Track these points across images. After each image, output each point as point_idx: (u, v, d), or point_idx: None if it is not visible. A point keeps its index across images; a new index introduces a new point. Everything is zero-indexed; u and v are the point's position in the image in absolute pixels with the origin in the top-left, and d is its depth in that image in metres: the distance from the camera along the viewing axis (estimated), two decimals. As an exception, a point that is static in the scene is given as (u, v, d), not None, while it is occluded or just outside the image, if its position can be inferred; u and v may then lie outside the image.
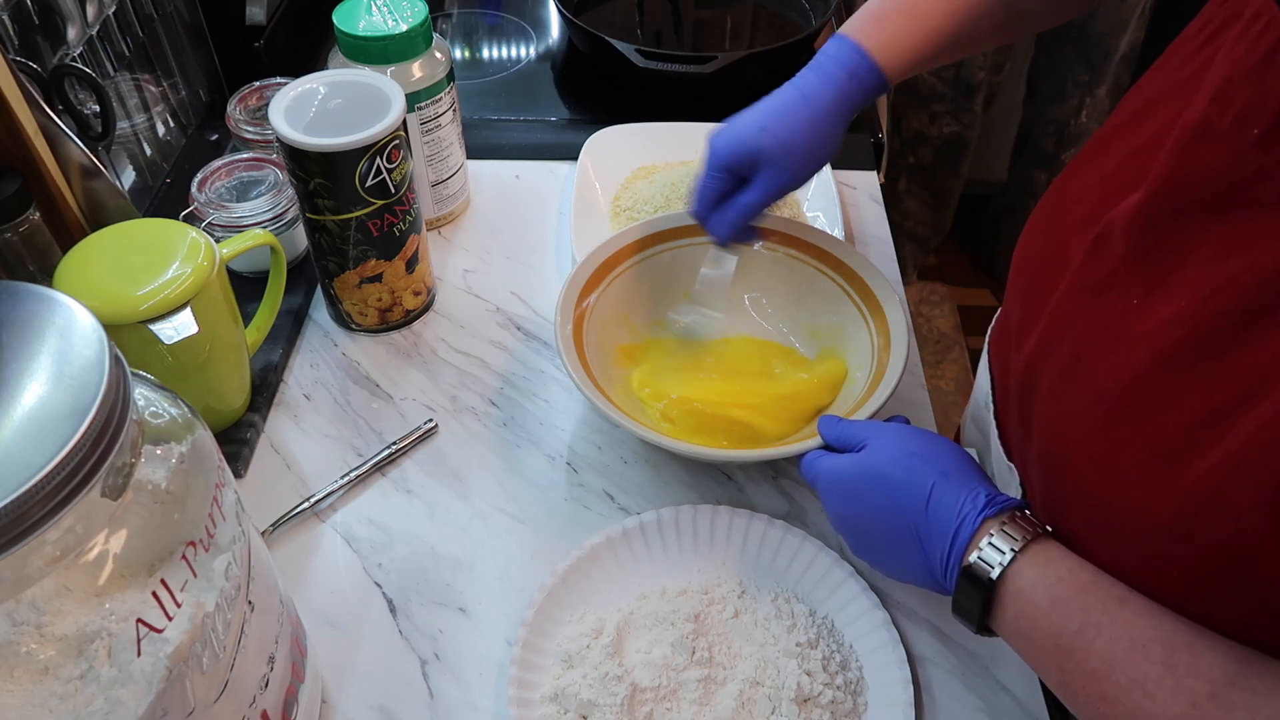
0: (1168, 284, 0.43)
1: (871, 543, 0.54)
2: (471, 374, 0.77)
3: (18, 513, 0.32)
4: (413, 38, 0.78)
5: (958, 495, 0.50)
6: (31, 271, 0.66)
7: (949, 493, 0.50)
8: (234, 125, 0.84)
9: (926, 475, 0.52)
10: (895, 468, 0.53)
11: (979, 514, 0.49)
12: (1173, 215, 0.43)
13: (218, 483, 0.42)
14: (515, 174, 0.95)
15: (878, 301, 0.71)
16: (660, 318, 0.76)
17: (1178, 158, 0.43)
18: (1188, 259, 0.42)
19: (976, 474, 0.52)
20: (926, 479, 0.51)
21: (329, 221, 0.71)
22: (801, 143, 0.64)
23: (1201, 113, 0.41)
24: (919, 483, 0.51)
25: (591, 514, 0.68)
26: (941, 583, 0.50)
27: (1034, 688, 0.59)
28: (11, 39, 0.69)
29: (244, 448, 0.70)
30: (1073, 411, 0.48)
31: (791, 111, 0.64)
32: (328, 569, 0.65)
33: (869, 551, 0.55)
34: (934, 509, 0.50)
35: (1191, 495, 0.40)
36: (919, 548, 0.51)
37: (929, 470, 0.52)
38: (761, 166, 0.64)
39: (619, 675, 0.56)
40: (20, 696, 0.35)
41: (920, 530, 0.51)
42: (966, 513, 0.49)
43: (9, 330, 0.37)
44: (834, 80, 0.64)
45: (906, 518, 0.51)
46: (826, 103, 0.64)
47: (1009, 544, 0.47)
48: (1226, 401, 0.40)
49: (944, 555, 0.49)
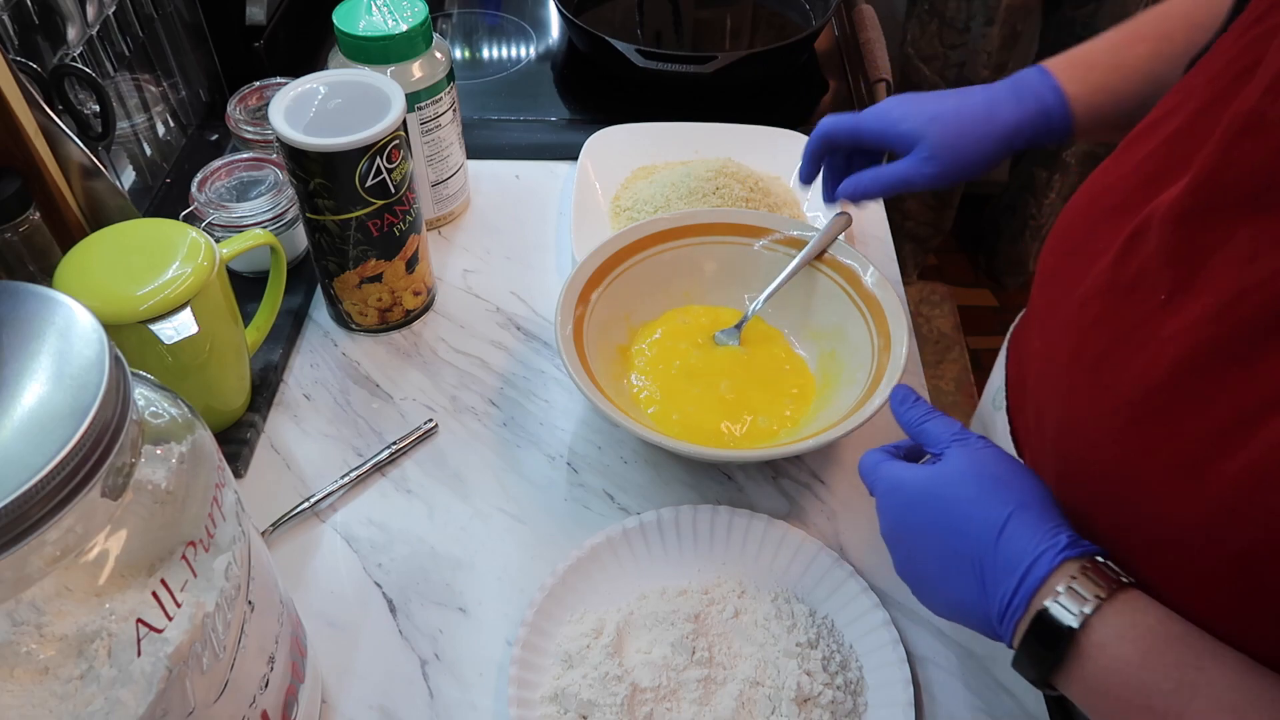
0: (1197, 281, 0.42)
1: (921, 565, 0.50)
2: (471, 374, 0.77)
3: (18, 513, 0.32)
4: (413, 38, 0.78)
5: (1035, 531, 0.45)
6: (31, 271, 0.66)
7: (1026, 527, 0.45)
8: (234, 125, 0.84)
9: (1005, 504, 0.46)
10: (970, 488, 0.47)
11: (1058, 554, 0.44)
12: (1212, 210, 0.42)
13: (218, 483, 0.42)
14: (515, 174, 0.95)
15: (878, 301, 0.71)
16: None
17: (1224, 149, 0.41)
18: (1219, 257, 0.41)
19: (1057, 512, 0.46)
20: (1004, 508, 0.46)
21: (329, 221, 0.71)
22: (962, 152, 0.63)
23: (1254, 104, 0.40)
24: (994, 511, 0.46)
25: (591, 514, 0.68)
26: (994, 626, 0.45)
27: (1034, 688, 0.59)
28: (11, 39, 0.69)
29: (244, 448, 0.70)
30: (1093, 413, 0.46)
31: (969, 118, 0.63)
32: (328, 569, 0.65)
33: (915, 575, 0.51)
34: (1006, 542, 0.45)
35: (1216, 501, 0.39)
36: (978, 582, 0.46)
37: (1008, 498, 0.46)
38: (914, 151, 0.64)
39: (619, 675, 0.56)
40: (20, 696, 0.35)
41: (985, 563, 0.45)
42: (1043, 550, 0.44)
43: (9, 330, 0.37)
44: (1025, 108, 0.62)
45: (971, 546, 0.46)
46: (1005, 128, 0.62)
47: (1092, 590, 0.42)
48: (1252, 407, 0.38)
49: (1007, 595, 0.44)
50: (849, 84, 1.06)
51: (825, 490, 0.69)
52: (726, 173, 0.84)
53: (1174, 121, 0.48)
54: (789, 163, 0.91)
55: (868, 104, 1.04)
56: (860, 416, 0.63)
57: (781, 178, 0.91)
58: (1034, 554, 0.44)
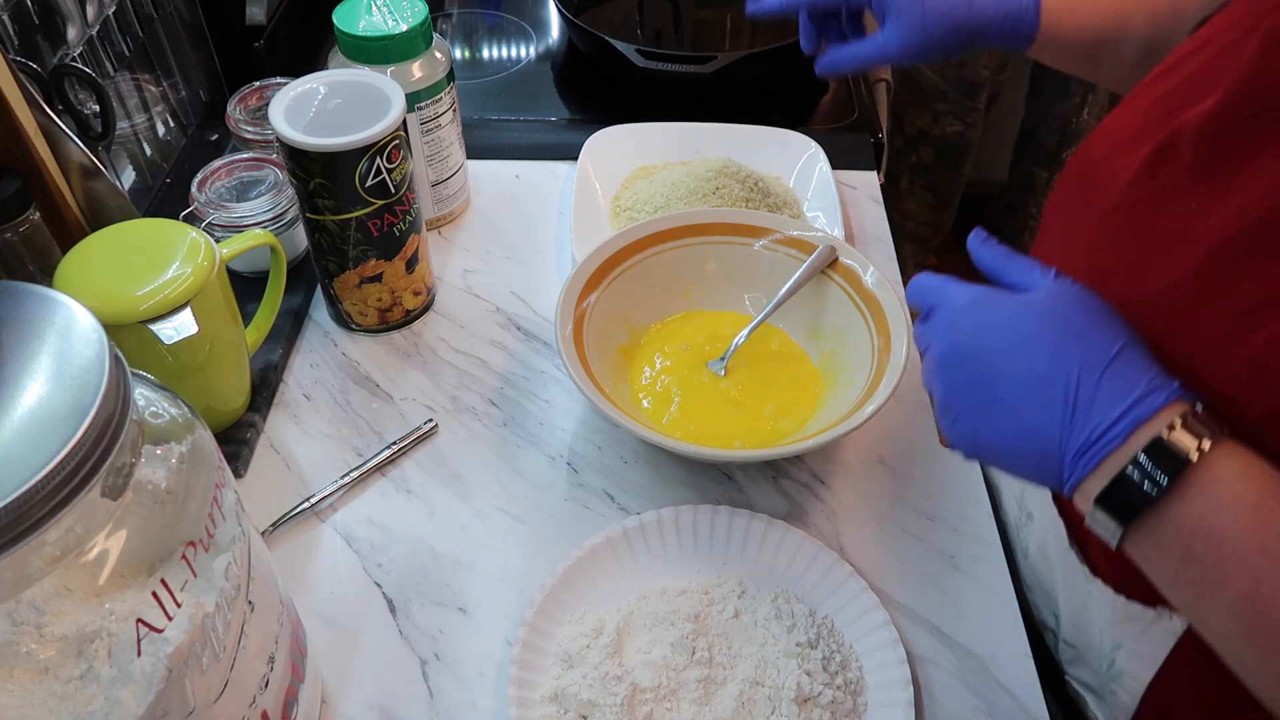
0: (1231, 189, 0.42)
1: (989, 388, 0.46)
2: (471, 374, 0.77)
3: (18, 513, 0.32)
4: (413, 38, 0.78)
5: (1149, 368, 0.43)
6: (31, 271, 0.66)
7: (1139, 361, 0.43)
8: (234, 125, 0.84)
9: (1117, 336, 0.44)
10: (1076, 315, 0.45)
11: (1173, 392, 0.42)
12: (1247, 119, 0.42)
13: (218, 483, 0.42)
14: (515, 174, 0.95)
15: (878, 302, 0.71)
16: None
17: (1259, 61, 0.42)
18: (1254, 166, 0.41)
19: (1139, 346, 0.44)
20: (1117, 339, 0.43)
21: (329, 221, 0.71)
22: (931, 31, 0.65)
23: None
24: (1106, 340, 0.43)
25: (591, 514, 0.68)
26: (1063, 461, 0.43)
27: (1034, 688, 0.59)
28: (11, 39, 0.69)
29: (244, 448, 0.70)
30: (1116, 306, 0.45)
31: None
32: (328, 569, 0.65)
33: (978, 400, 0.46)
34: (1116, 371, 0.42)
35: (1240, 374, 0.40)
36: (1066, 410, 0.43)
37: (1120, 333, 0.44)
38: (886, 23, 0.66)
39: (619, 675, 0.56)
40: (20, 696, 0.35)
41: (1083, 390, 0.43)
42: (1157, 386, 0.42)
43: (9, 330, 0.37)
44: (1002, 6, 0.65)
45: (1068, 372, 0.43)
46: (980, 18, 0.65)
47: (1207, 429, 0.40)
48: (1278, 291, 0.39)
49: (1105, 424, 0.41)
50: (849, 84, 1.06)
51: (825, 490, 0.69)
52: (726, 173, 0.84)
53: (1195, 62, 0.49)
54: (789, 163, 0.91)
55: (868, 104, 1.04)
56: (860, 416, 0.63)
57: (782, 178, 0.91)
58: (1147, 387, 0.42)
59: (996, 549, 0.66)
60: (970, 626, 0.62)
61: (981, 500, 0.68)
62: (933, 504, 0.68)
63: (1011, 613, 0.62)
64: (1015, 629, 0.62)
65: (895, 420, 0.73)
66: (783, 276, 0.74)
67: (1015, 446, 0.45)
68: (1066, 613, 0.59)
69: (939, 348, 0.49)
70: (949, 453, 0.71)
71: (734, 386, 0.72)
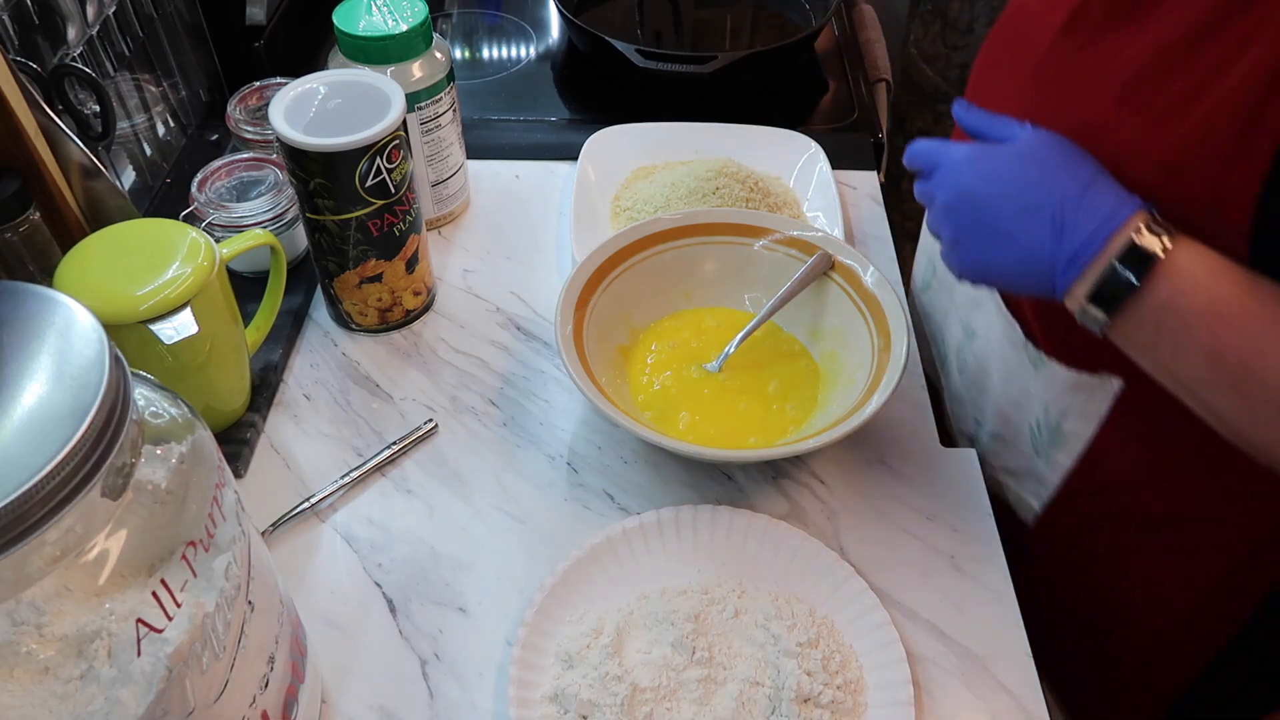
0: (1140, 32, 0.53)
1: (992, 222, 0.55)
2: (471, 374, 0.77)
3: (18, 513, 0.32)
4: (413, 38, 0.78)
5: (1115, 189, 0.52)
6: (31, 271, 0.66)
7: (1108, 185, 0.52)
8: (234, 125, 0.84)
9: (1087, 166, 0.53)
10: (1055, 153, 0.54)
11: (1137, 206, 0.51)
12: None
13: (218, 483, 0.42)
14: (515, 174, 0.95)
15: (878, 302, 0.71)
16: None
17: None
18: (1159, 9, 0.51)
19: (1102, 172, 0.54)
20: (1088, 169, 0.53)
21: (329, 221, 0.71)
22: None
23: None
24: (1081, 171, 0.53)
25: (591, 514, 0.68)
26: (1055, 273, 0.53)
27: (1034, 687, 0.59)
28: (11, 39, 0.69)
29: (244, 448, 0.70)
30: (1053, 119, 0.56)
31: None
32: (328, 569, 0.65)
33: (982, 234, 0.56)
34: (1094, 192, 0.52)
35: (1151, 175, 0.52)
36: (1054, 231, 0.52)
37: (1089, 163, 0.54)
38: None
39: (619, 675, 0.56)
40: (20, 696, 0.35)
41: (1067, 213, 0.52)
42: (1123, 201, 0.52)
43: (9, 330, 0.37)
44: None
45: (1054, 199, 0.53)
46: None
47: (1165, 231, 0.50)
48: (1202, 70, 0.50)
49: (1086, 236, 0.51)
50: (849, 84, 1.06)
51: (825, 490, 0.69)
52: (726, 173, 0.84)
53: None
54: (789, 163, 0.91)
55: (867, 104, 1.04)
56: (860, 416, 0.63)
57: (782, 178, 0.91)
58: (1116, 204, 0.51)
59: (996, 549, 0.66)
60: (970, 626, 0.62)
61: (981, 500, 0.68)
62: (933, 504, 0.68)
63: (1011, 613, 0.62)
64: (1015, 629, 0.62)
65: (895, 420, 0.73)
66: (783, 276, 0.74)
67: (1015, 267, 0.55)
68: (999, 411, 0.72)
69: (944, 197, 0.58)
70: (949, 452, 0.71)
71: (735, 385, 0.72)
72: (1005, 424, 0.72)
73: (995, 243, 0.55)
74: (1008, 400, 0.71)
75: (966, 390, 0.76)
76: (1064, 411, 0.66)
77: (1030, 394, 0.68)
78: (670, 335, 0.76)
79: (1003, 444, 0.73)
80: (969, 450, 0.71)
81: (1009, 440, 0.72)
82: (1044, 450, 0.69)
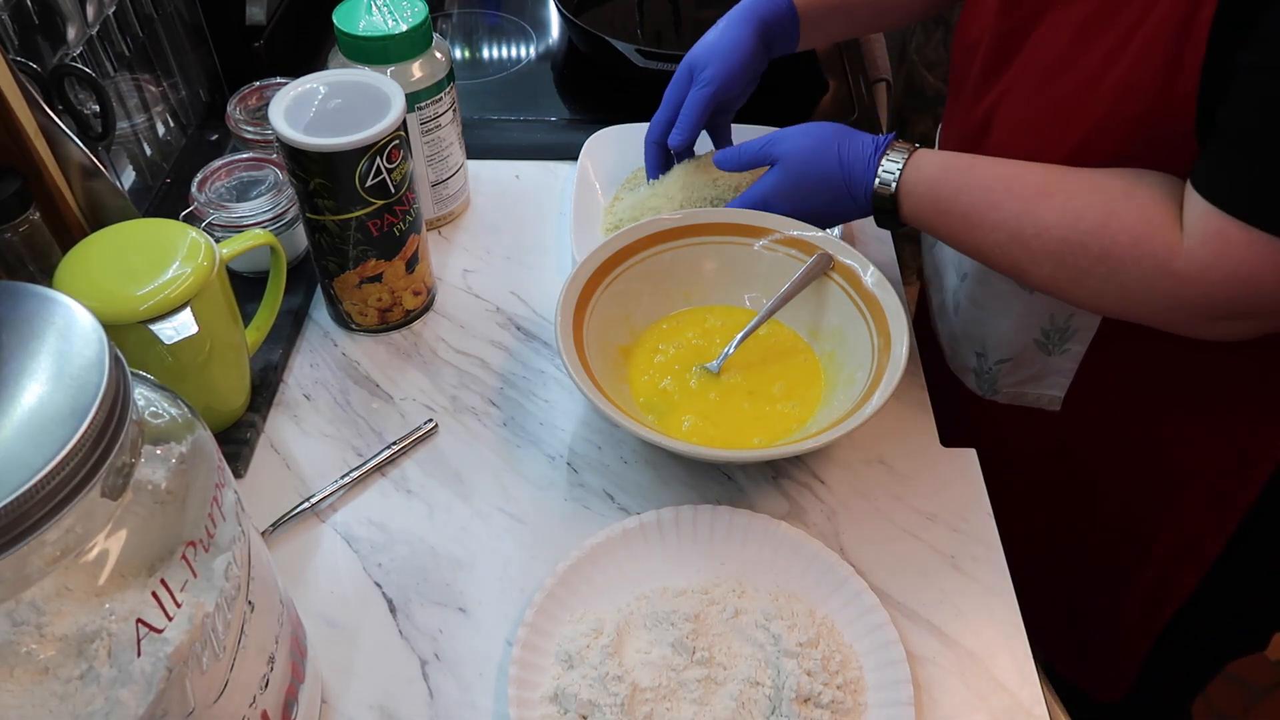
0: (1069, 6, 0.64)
1: (815, 212, 0.74)
2: (471, 374, 0.77)
3: (18, 513, 0.32)
4: (413, 38, 0.78)
5: (857, 148, 0.70)
6: (31, 271, 0.66)
7: (850, 150, 0.70)
8: (234, 125, 0.84)
9: (830, 150, 0.71)
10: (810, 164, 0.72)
11: (874, 154, 0.69)
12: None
13: (218, 483, 0.42)
14: (515, 174, 0.95)
15: (878, 302, 0.71)
16: None
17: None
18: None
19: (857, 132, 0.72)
20: (832, 152, 0.71)
21: (329, 221, 0.71)
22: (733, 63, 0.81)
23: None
24: (830, 158, 0.71)
25: (591, 514, 0.68)
26: (867, 210, 0.71)
27: (1034, 688, 0.59)
28: (11, 39, 0.69)
29: (244, 448, 0.70)
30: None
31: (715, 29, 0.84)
32: (328, 569, 0.65)
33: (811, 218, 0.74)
34: (847, 167, 0.70)
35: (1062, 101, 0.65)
36: (849, 198, 0.71)
37: (830, 147, 0.71)
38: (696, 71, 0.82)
39: (619, 675, 0.56)
40: (20, 696, 0.35)
41: (849, 184, 0.70)
42: (869, 157, 0.69)
43: (9, 330, 0.37)
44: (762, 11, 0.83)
45: (835, 182, 0.71)
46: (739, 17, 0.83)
47: (896, 165, 0.68)
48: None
49: (865, 189, 0.69)
50: (849, 84, 1.06)
51: (825, 490, 0.69)
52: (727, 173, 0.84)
53: None
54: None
55: (867, 104, 1.04)
56: (860, 416, 0.63)
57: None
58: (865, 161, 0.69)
59: (996, 549, 0.66)
60: (970, 626, 0.62)
61: (981, 500, 0.68)
62: (933, 504, 0.68)
63: (1011, 613, 0.62)
64: (1015, 629, 0.62)
65: (895, 420, 0.73)
66: (783, 276, 0.74)
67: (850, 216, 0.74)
68: (1001, 337, 0.80)
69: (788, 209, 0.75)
70: (949, 452, 0.71)
71: (735, 384, 0.72)
72: (1009, 346, 0.79)
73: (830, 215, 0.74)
74: (1008, 325, 0.78)
75: (964, 326, 0.84)
76: (1071, 312, 0.74)
77: (1032, 312, 0.75)
78: (670, 335, 0.76)
79: (1012, 364, 0.80)
80: (969, 450, 0.71)
81: (1017, 358, 0.80)
82: (1057, 348, 0.77)
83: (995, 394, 0.83)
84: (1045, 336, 0.76)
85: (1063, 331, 0.75)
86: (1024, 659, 0.60)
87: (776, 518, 0.65)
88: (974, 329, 0.82)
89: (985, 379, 0.83)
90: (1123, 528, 0.84)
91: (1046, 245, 0.62)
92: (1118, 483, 0.82)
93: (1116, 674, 0.94)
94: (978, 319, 0.81)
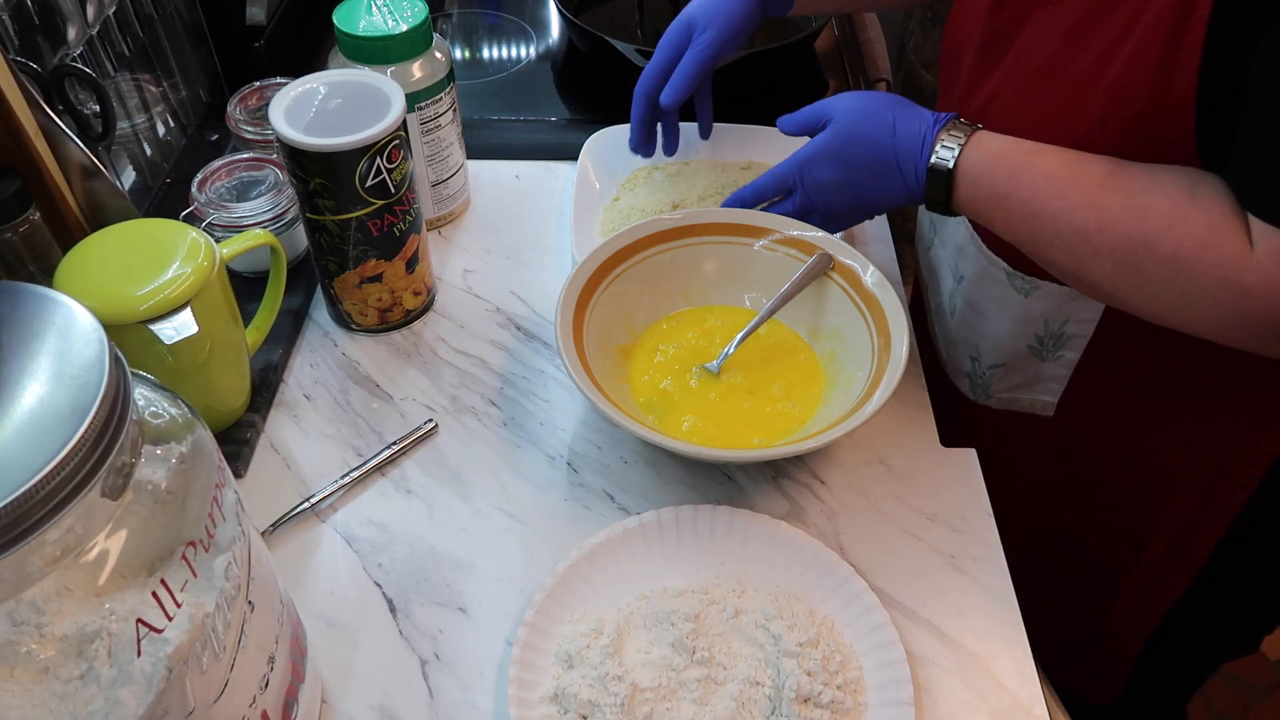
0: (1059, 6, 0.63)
1: (859, 187, 0.70)
2: (471, 374, 0.77)
3: (18, 513, 0.32)
4: (413, 38, 0.78)
5: (914, 122, 0.67)
6: (31, 271, 0.66)
7: (907, 122, 0.67)
8: (234, 125, 0.84)
9: (885, 118, 0.68)
10: (862, 124, 0.69)
11: (933, 128, 0.66)
12: None
13: (218, 483, 0.42)
14: (515, 174, 0.95)
15: (878, 302, 0.71)
16: None
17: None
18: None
19: (918, 106, 0.69)
20: (887, 120, 0.68)
21: (329, 221, 0.71)
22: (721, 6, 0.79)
23: None
24: (884, 125, 0.68)
25: (591, 514, 0.68)
26: (916, 192, 0.67)
27: (1034, 687, 0.59)
28: (11, 39, 0.69)
29: (244, 448, 0.70)
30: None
31: None
32: (328, 569, 0.65)
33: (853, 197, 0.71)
34: (900, 138, 0.67)
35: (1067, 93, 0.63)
36: (898, 172, 0.67)
37: (886, 114, 0.68)
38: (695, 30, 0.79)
39: (619, 675, 0.56)
40: (20, 696, 0.35)
41: (898, 156, 0.67)
42: (925, 132, 0.66)
43: (9, 330, 0.37)
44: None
45: (884, 154, 0.67)
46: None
47: (956, 142, 0.65)
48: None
49: (917, 168, 0.66)
50: (849, 84, 1.06)
51: (825, 490, 0.69)
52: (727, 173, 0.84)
53: None
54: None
55: (868, 104, 1.04)
56: (860, 416, 0.63)
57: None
58: (920, 136, 0.66)
59: (996, 549, 0.66)
60: (970, 626, 0.62)
61: (981, 500, 0.68)
62: (933, 504, 0.68)
63: (1011, 613, 0.62)
64: (1015, 629, 0.62)
65: (895, 420, 0.73)
66: (783, 276, 0.74)
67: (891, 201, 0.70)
68: (995, 343, 0.79)
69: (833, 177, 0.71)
70: (949, 452, 0.71)
71: (735, 384, 0.72)
72: (1003, 351, 0.79)
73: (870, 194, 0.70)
74: (1003, 329, 0.77)
75: (959, 330, 0.83)
76: (1065, 318, 0.73)
77: (1027, 318, 0.75)
78: (670, 335, 0.76)
79: (1005, 369, 0.80)
80: (969, 450, 0.71)
81: (1010, 364, 0.79)
82: (1051, 355, 0.76)
83: (989, 399, 0.83)
84: (1040, 342, 0.76)
85: (1057, 338, 0.75)
86: (1024, 659, 0.60)
87: (776, 518, 0.65)
88: (969, 333, 0.82)
89: (979, 384, 0.83)
90: (1120, 528, 0.84)
91: (1110, 241, 0.58)
92: (1113, 484, 0.82)
93: (1110, 675, 0.94)
94: (973, 322, 0.81)
